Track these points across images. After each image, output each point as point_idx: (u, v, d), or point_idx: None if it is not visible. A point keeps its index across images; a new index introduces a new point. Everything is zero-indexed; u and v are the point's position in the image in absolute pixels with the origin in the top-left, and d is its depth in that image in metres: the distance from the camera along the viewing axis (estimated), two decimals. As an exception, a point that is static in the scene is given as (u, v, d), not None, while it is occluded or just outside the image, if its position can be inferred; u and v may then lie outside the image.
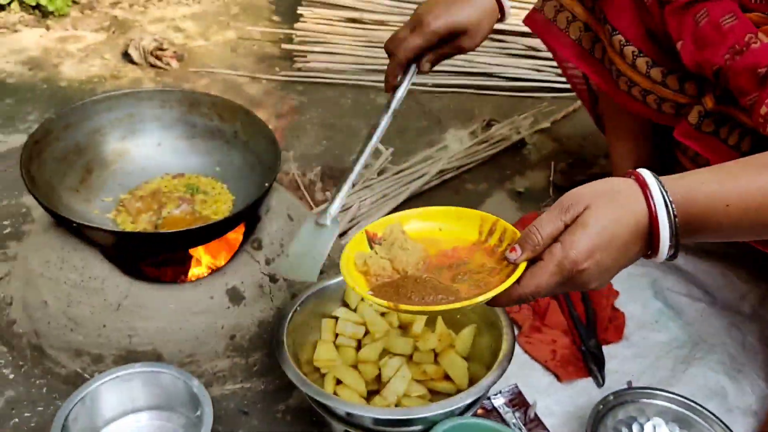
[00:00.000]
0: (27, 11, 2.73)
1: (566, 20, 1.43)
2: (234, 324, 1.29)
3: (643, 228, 0.81)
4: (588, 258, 0.79)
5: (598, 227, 0.79)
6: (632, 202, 0.80)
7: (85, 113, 1.44)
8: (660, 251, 0.82)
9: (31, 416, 1.23)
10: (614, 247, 0.80)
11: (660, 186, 0.80)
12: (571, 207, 0.81)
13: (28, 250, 1.32)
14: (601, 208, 0.80)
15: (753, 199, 0.80)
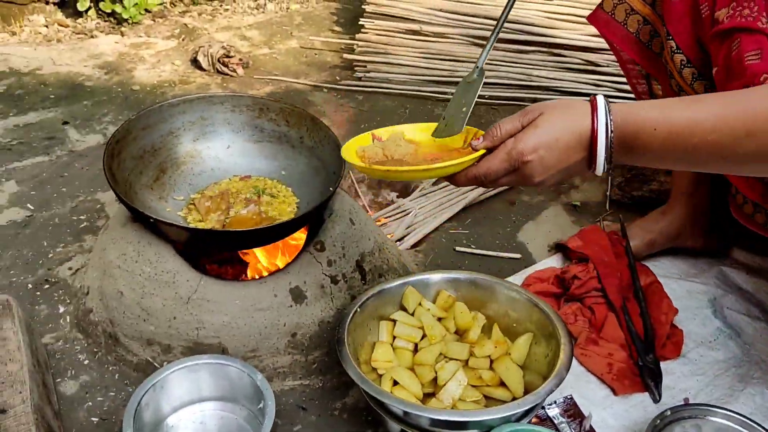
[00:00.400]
0: (103, 18, 2.87)
1: (624, 12, 1.45)
2: (295, 322, 1.33)
3: (585, 139, 0.94)
4: (533, 152, 0.94)
5: (546, 128, 0.94)
6: (580, 115, 0.94)
7: (162, 115, 1.51)
8: (597, 162, 0.94)
9: (104, 401, 1.29)
10: (557, 148, 0.94)
11: (606, 107, 0.93)
12: (530, 112, 0.97)
13: (106, 243, 1.40)
14: (552, 115, 0.95)
15: (678, 126, 0.90)
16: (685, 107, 0.92)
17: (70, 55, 2.59)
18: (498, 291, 1.35)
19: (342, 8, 3.16)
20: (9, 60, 2.53)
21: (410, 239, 1.73)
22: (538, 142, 0.94)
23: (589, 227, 1.68)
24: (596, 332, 1.42)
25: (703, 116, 0.89)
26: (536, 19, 2.55)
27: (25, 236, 1.68)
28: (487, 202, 1.91)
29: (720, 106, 0.90)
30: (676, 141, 0.91)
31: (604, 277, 1.49)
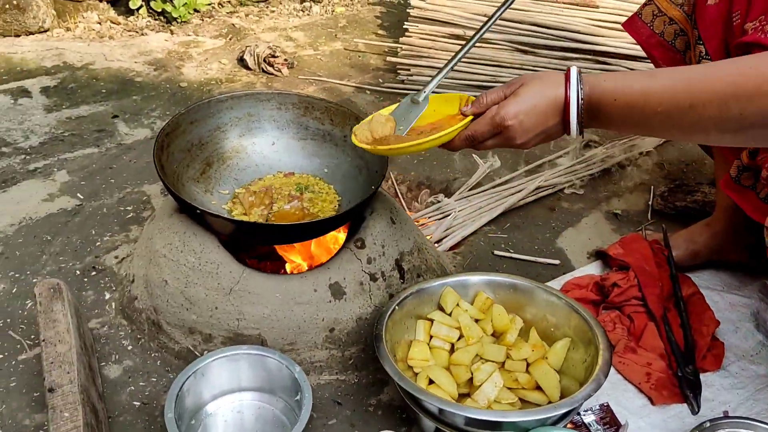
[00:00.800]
0: (153, 17, 2.94)
1: (652, 14, 1.45)
2: (334, 317, 1.35)
3: (559, 105, 1.07)
4: (513, 118, 1.08)
5: (524, 97, 1.08)
6: (555, 84, 1.07)
7: (210, 110, 1.55)
8: (571, 126, 1.07)
9: (146, 386, 1.33)
10: (534, 113, 1.08)
11: (578, 77, 1.05)
12: (513, 84, 1.11)
13: (153, 232, 1.43)
14: (531, 85, 1.09)
15: (633, 98, 1.01)
16: (641, 81, 1.02)
17: (121, 52, 2.66)
18: (537, 295, 1.34)
19: (386, 12, 3.19)
20: (64, 54, 2.61)
21: (449, 241, 1.74)
22: (518, 109, 1.08)
23: (631, 235, 1.67)
24: (635, 341, 1.41)
25: (654, 89, 0.99)
26: (581, 27, 2.53)
27: (75, 224, 1.74)
28: (526, 207, 1.90)
29: (668, 80, 1.00)
30: (632, 111, 1.02)
31: (645, 286, 1.48)
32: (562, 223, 1.86)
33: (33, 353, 1.37)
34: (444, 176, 2.02)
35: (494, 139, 1.13)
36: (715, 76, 0.95)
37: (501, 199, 1.90)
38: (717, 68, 0.97)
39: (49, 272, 1.57)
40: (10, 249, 1.64)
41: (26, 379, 1.32)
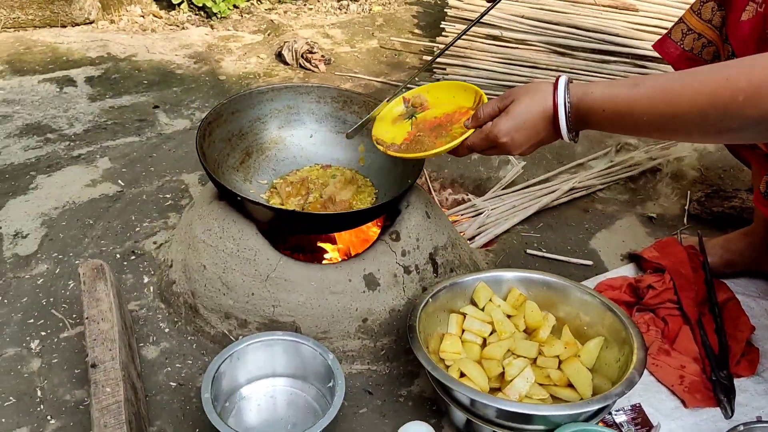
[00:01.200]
0: (194, 12, 2.99)
1: (681, 33, 1.45)
2: (367, 308, 1.36)
3: (549, 116, 1.12)
4: (505, 135, 1.14)
5: (514, 114, 1.14)
6: (544, 98, 1.12)
7: (251, 101, 1.57)
8: (562, 134, 1.13)
9: (182, 368, 1.36)
10: (525, 128, 1.14)
11: (565, 88, 1.10)
12: (506, 98, 1.16)
13: (192, 218, 1.46)
14: (521, 102, 1.14)
15: (620, 107, 1.06)
16: (626, 91, 1.06)
17: (163, 44, 2.72)
18: (571, 293, 1.34)
19: (423, 11, 3.20)
20: (108, 46, 2.67)
21: (482, 239, 1.75)
22: (509, 127, 1.14)
23: (666, 239, 1.66)
24: (669, 343, 1.40)
25: (638, 100, 1.05)
26: (620, 30, 2.52)
27: (116, 210, 1.78)
28: (560, 207, 1.90)
29: (651, 90, 1.04)
30: (619, 119, 1.08)
31: (681, 290, 1.47)
32: (596, 224, 1.85)
33: (75, 331, 1.41)
34: (477, 174, 2.02)
35: (492, 150, 1.20)
36: (694, 88, 1.00)
37: (534, 199, 1.90)
38: (695, 79, 1.01)
39: (91, 255, 1.62)
40: (54, 231, 1.69)
41: (67, 357, 1.36)
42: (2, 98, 2.27)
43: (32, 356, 1.36)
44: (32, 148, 2.02)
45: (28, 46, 2.64)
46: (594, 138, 2.21)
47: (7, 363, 1.34)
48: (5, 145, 2.02)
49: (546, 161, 2.09)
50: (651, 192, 1.97)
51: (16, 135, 2.07)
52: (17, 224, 1.70)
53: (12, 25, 2.76)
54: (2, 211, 1.74)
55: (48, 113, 2.20)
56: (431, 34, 2.88)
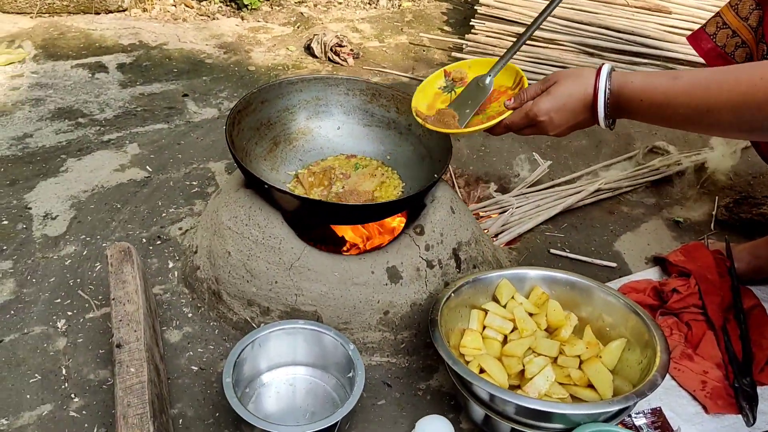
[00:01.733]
0: (225, 2, 3.02)
1: (726, 37, 1.43)
2: (389, 301, 1.37)
3: (589, 102, 1.16)
4: (545, 115, 1.18)
5: (556, 96, 1.18)
6: (586, 83, 1.16)
7: (280, 91, 1.58)
8: (599, 120, 1.17)
9: (204, 352, 1.37)
10: (564, 111, 1.17)
11: (607, 76, 1.14)
12: (548, 80, 1.20)
13: (218, 205, 1.48)
14: (563, 84, 1.18)
15: (657, 100, 1.10)
16: (665, 84, 1.10)
17: (194, 34, 2.74)
18: (594, 294, 1.34)
19: (453, 8, 3.19)
20: (140, 34, 2.70)
21: (505, 236, 1.74)
22: (549, 107, 1.18)
23: (693, 243, 1.64)
24: (692, 348, 1.39)
25: (676, 94, 1.08)
26: (652, 32, 2.49)
27: (143, 195, 1.80)
28: (585, 208, 1.89)
29: (689, 85, 1.08)
30: (656, 110, 1.12)
31: (706, 295, 1.45)
32: (621, 226, 1.83)
33: (100, 312, 1.43)
34: (503, 172, 2.01)
35: (530, 129, 1.23)
36: (729, 85, 1.03)
37: (559, 199, 1.89)
38: (732, 76, 1.04)
39: (118, 238, 1.64)
40: (83, 214, 1.71)
41: (92, 337, 1.38)
42: (36, 82, 2.30)
43: (58, 335, 1.38)
44: (63, 131, 2.05)
45: (62, 32, 2.68)
46: (622, 140, 2.19)
47: (33, 341, 1.36)
48: (38, 128, 2.05)
49: (572, 161, 2.08)
50: (678, 196, 1.95)
51: (49, 118, 2.11)
52: (47, 205, 1.73)
53: (47, 11, 2.80)
54: (33, 192, 1.77)
55: (80, 98, 2.23)
56: (460, 32, 2.87)
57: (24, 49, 2.50)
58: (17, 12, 2.78)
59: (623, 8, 2.62)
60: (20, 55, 2.44)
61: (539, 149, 2.11)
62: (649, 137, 2.20)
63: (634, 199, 1.94)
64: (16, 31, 2.65)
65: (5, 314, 1.41)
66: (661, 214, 1.89)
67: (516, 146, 2.12)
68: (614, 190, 1.95)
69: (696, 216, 1.88)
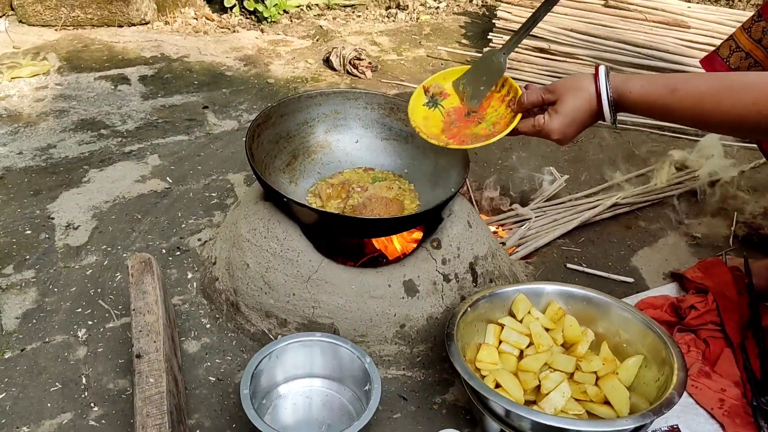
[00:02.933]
0: (245, 15, 3.06)
1: (729, 49, 1.44)
2: (405, 314, 1.38)
3: (594, 105, 1.22)
4: (558, 132, 1.24)
5: (565, 113, 1.22)
6: (588, 93, 1.21)
7: (299, 105, 1.60)
8: (606, 118, 1.22)
9: (221, 363, 1.38)
10: (575, 123, 1.23)
11: (606, 81, 1.19)
12: (550, 92, 1.25)
13: (238, 217, 1.50)
14: (568, 101, 1.22)
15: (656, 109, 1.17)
16: (664, 95, 1.15)
17: (214, 47, 2.78)
18: (611, 310, 1.33)
19: (471, 22, 3.21)
20: (162, 47, 2.75)
21: (522, 250, 1.74)
22: (561, 125, 1.23)
23: (711, 259, 1.63)
24: (710, 366, 1.38)
25: (675, 107, 1.14)
26: (670, 47, 2.49)
27: (163, 206, 1.83)
28: (602, 223, 1.89)
29: (687, 99, 1.13)
30: (656, 117, 1.22)
31: (725, 312, 1.44)
32: (638, 242, 1.83)
33: (120, 322, 1.45)
34: (520, 186, 2.02)
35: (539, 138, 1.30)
36: (726, 105, 1.09)
37: (576, 213, 1.89)
38: (728, 99, 1.09)
39: (138, 249, 1.66)
40: (104, 224, 1.74)
41: (112, 346, 1.40)
42: (60, 93, 2.35)
43: (79, 344, 1.40)
44: (86, 142, 2.08)
45: (86, 44, 2.73)
46: (640, 155, 2.19)
47: (54, 350, 1.38)
48: (61, 139, 2.09)
49: (589, 176, 2.07)
50: (696, 212, 1.94)
51: (72, 129, 2.15)
52: (69, 215, 1.76)
53: (72, 24, 2.85)
54: (56, 203, 1.81)
55: (102, 109, 2.27)
56: (478, 45, 2.89)
57: (49, 61, 2.56)
58: (42, 24, 2.84)
59: (641, 23, 2.62)
60: (45, 67, 2.49)
61: (556, 164, 2.11)
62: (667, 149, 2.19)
63: (651, 214, 1.93)
64: (41, 44, 2.71)
65: (28, 323, 1.44)
66: (679, 230, 1.88)
67: (533, 161, 2.12)
68: (632, 204, 1.95)
69: (714, 232, 1.87)
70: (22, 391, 1.29)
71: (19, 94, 2.32)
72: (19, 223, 1.72)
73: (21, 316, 1.46)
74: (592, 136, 2.27)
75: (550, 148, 2.22)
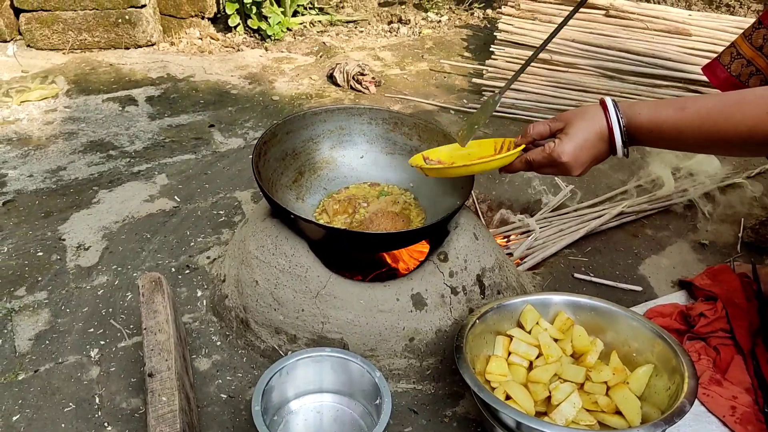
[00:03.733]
0: (249, 34, 3.09)
1: (730, 56, 1.44)
2: (414, 327, 1.38)
3: (604, 134, 1.20)
4: (569, 155, 1.20)
5: (575, 135, 1.21)
6: (599, 120, 1.21)
7: (304, 122, 1.62)
8: (617, 150, 1.21)
9: (232, 380, 1.39)
10: (587, 147, 1.21)
11: (616, 111, 1.19)
12: (557, 121, 1.25)
13: (246, 234, 1.51)
14: (576, 124, 1.22)
15: (667, 133, 1.15)
16: (673, 116, 1.14)
17: (219, 66, 2.81)
18: (619, 319, 1.33)
19: (473, 35, 3.23)
20: (168, 67, 2.78)
21: (529, 261, 1.75)
22: (572, 147, 1.21)
23: (719, 266, 1.63)
24: (721, 373, 1.38)
25: (685, 126, 1.13)
26: (672, 54, 2.50)
27: (171, 225, 1.84)
28: (608, 232, 1.89)
29: (697, 116, 1.12)
30: (667, 141, 1.18)
31: (734, 319, 1.44)
32: (646, 250, 1.83)
33: (132, 341, 1.47)
34: (525, 197, 2.02)
35: (552, 169, 1.25)
36: (736, 120, 1.08)
37: (583, 223, 1.89)
38: (739, 113, 1.09)
39: (148, 268, 1.68)
40: (114, 244, 1.76)
41: (124, 366, 1.41)
42: (69, 116, 2.38)
43: (92, 364, 1.41)
44: (95, 164, 2.11)
45: (94, 67, 2.77)
46: (642, 161, 2.19)
47: (68, 370, 1.40)
48: (71, 161, 2.12)
49: (594, 185, 2.08)
50: (703, 218, 1.94)
51: (81, 151, 2.17)
52: (80, 236, 1.78)
53: (79, 47, 2.89)
54: (67, 224, 1.83)
55: (111, 131, 2.30)
56: (481, 57, 2.91)
57: (57, 84, 2.59)
58: (50, 48, 2.88)
59: (642, 31, 2.63)
60: (53, 90, 2.53)
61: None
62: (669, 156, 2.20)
63: (658, 221, 1.93)
64: (50, 67, 2.74)
65: (41, 344, 1.45)
66: (686, 237, 1.88)
67: (538, 171, 2.13)
68: (638, 212, 1.95)
69: (722, 238, 1.87)
70: (36, 413, 1.30)
71: (28, 118, 2.35)
72: (31, 245, 1.74)
73: (34, 337, 1.47)
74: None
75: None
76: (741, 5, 3.44)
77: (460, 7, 3.51)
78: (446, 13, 3.45)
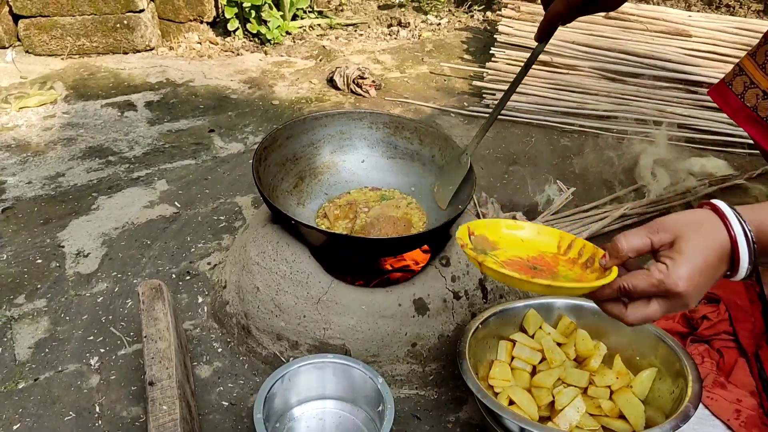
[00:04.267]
0: (249, 38, 3.08)
1: (743, 85, 1.41)
2: (416, 333, 1.37)
3: (726, 252, 0.91)
4: (687, 281, 0.89)
5: (692, 255, 0.89)
6: (716, 231, 0.91)
7: (305, 127, 1.61)
8: (740, 271, 0.92)
9: (233, 387, 1.38)
10: (708, 269, 0.90)
11: (737, 216, 0.91)
12: (660, 231, 0.92)
13: (246, 240, 1.50)
14: (692, 239, 0.90)
15: None
16: None
17: (218, 70, 2.80)
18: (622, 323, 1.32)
19: (473, 37, 3.23)
20: (167, 72, 2.77)
21: (531, 265, 1.74)
22: (691, 269, 0.89)
23: (722, 269, 1.61)
24: (724, 376, 1.37)
25: None
26: (673, 56, 2.50)
27: (172, 231, 1.84)
28: (609, 234, 1.88)
29: None
30: None
31: (737, 321, 1.43)
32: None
33: (132, 349, 1.46)
34: (527, 200, 2.02)
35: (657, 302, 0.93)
36: None
37: (584, 226, 1.89)
38: None
39: (148, 275, 1.67)
40: (114, 251, 1.75)
41: (125, 374, 1.40)
42: (67, 122, 2.37)
43: (92, 372, 1.40)
44: (94, 170, 2.10)
45: (92, 72, 2.76)
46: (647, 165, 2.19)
47: (68, 378, 1.39)
48: (69, 167, 2.11)
49: (596, 187, 2.07)
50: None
51: (80, 157, 2.17)
52: (79, 243, 1.77)
53: (78, 52, 2.89)
54: (66, 231, 1.82)
55: (110, 136, 2.29)
56: (481, 60, 2.90)
57: (56, 90, 2.59)
58: (49, 54, 2.88)
59: (643, 33, 2.63)
60: (52, 96, 2.52)
61: (563, 176, 2.11)
62: (674, 161, 2.19)
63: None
64: (48, 73, 2.74)
65: (40, 352, 1.44)
66: (688, 239, 1.87)
67: (539, 174, 2.12)
68: (640, 215, 1.94)
69: (724, 240, 1.86)
70: (37, 422, 1.29)
71: (27, 124, 2.34)
72: (30, 252, 1.74)
73: (34, 345, 1.46)
74: (597, 147, 2.26)
75: (555, 161, 2.22)
76: (741, 5, 3.44)
77: (459, 9, 3.51)
78: (446, 16, 3.44)
